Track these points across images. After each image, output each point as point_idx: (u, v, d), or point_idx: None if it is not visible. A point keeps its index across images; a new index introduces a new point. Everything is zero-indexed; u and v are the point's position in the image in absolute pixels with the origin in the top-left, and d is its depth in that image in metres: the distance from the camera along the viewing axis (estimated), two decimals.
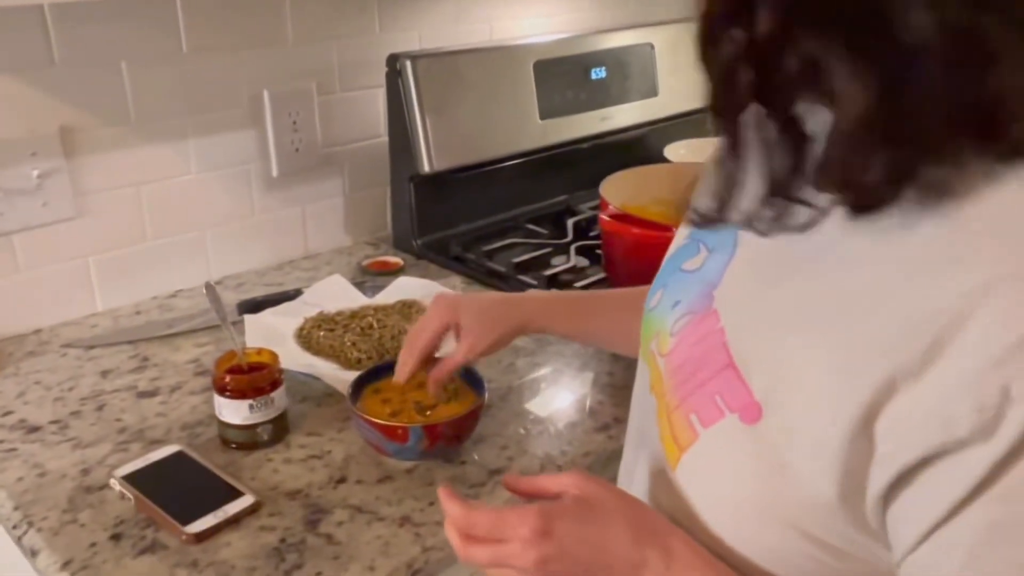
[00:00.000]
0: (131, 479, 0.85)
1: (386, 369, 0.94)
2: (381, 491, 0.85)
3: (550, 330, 0.90)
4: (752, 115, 0.49)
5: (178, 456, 0.89)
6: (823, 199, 0.49)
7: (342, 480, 0.87)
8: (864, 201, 0.48)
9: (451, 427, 0.86)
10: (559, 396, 1.04)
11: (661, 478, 0.62)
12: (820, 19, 0.44)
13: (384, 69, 1.36)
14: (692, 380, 0.59)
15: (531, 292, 0.94)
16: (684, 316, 0.63)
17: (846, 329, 0.49)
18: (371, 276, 1.35)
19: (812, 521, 0.52)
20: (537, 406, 1.01)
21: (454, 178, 1.41)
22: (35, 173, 1.12)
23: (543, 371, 1.09)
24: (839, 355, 0.49)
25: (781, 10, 0.45)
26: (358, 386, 0.91)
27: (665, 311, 0.66)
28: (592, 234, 1.46)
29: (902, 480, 0.47)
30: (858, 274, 0.50)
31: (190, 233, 1.30)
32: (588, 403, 1.03)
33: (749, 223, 0.53)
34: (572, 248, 1.42)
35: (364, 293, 1.26)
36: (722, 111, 0.50)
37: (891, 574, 0.51)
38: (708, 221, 0.56)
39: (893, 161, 0.45)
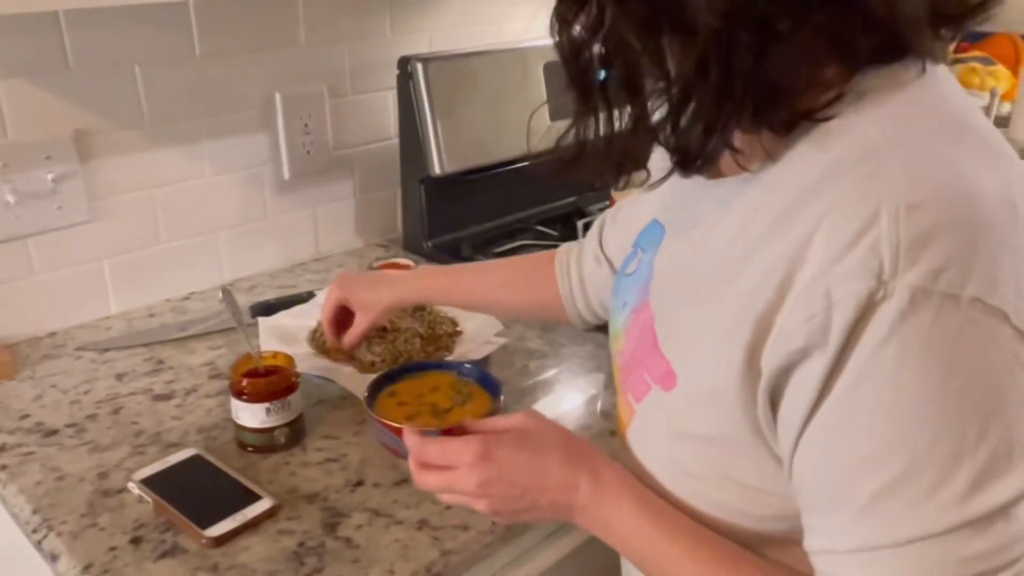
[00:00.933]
0: (149, 483, 0.85)
1: (402, 372, 0.94)
2: (398, 494, 0.86)
3: (429, 300, 1.04)
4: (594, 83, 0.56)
5: (195, 459, 0.89)
6: (664, 162, 0.56)
7: (359, 483, 0.87)
8: (685, 160, 0.54)
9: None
10: (571, 398, 1.05)
11: (621, 460, 0.68)
12: (634, 11, 0.51)
13: (395, 71, 1.37)
14: (630, 365, 0.66)
15: (420, 267, 1.14)
16: (630, 315, 0.69)
17: (727, 287, 0.55)
18: None
19: (734, 465, 0.57)
20: (549, 408, 1.02)
21: (464, 180, 1.41)
22: (50, 177, 1.12)
23: (555, 373, 1.09)
24: (725, 312, 0.55)
25: (601, 5, 0.52)
26: (374, 389, 0.92)
27: (618, 314, 0.73)
28: None
29: (774, 399, 0.52)
30: (733, 239, 0.57)
31: (203, 236, 1.31)
32: (600, 405, 1.03)
33: (601, 179, 0.61)
34: None
35: None
36: (574, 85, 0.56)
37: None
38: (560, 174, 0.62)
39: (704, 127, 0.52)
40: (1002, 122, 1.86)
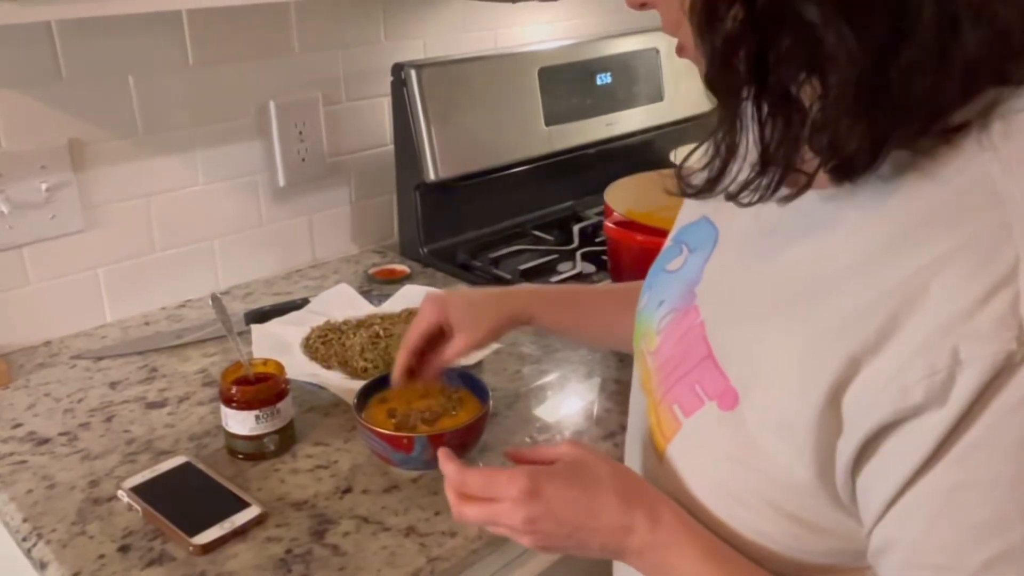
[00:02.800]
0: (139, 491, 0.85)
1: None
2: (387, 501, 0.85)
3: (539, 321, 0.88)
4: (746, 89, 0.50)
5: (185, 467, 0.89)
6: (807, 168, 0.50)
7: (348, 490, 0.87)
8: (847, 166, 0.49)
9: (456, 436, 0.86)
10: (566, 404, 1.04)
11: (653, 470, 0.64)
12: None
13: (389, 78, 1.37)
14: (675, 373, 0.62)
15: (522, 285, 0.92)
16: (668, 314, 0.65)
17: (811, 312, 0.52)
18: (378, 284, 1.35)
19: (790, 501, 0.54)
20: (544, 414, 1.01)
21: (460, 186, 1.42)
22: (44, 186, 1.13)
23: (549, 378, 1.09)
24: (805, 338, 0.51)
25: None
26: (364, 396, 0.92)
27: (652, 311, 0.69)
28: (598, 240, 1.47)
29: (866, 451, 0.49)
30: (821, 258, 0.53)
31: (198, 243, 1.31)
32: (595, 410, 1.03)
33: (737, 194, 0.53)
34: (578, 254, 1.42)
35: (370, 302, 1.26)
36: (722, 87, 0.50)
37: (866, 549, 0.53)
38: (700, 192, 0.57)
39: (875, 126, 0.47)
40: None
